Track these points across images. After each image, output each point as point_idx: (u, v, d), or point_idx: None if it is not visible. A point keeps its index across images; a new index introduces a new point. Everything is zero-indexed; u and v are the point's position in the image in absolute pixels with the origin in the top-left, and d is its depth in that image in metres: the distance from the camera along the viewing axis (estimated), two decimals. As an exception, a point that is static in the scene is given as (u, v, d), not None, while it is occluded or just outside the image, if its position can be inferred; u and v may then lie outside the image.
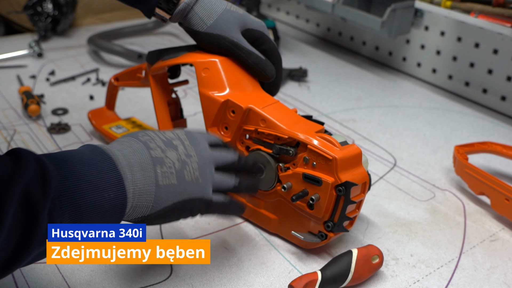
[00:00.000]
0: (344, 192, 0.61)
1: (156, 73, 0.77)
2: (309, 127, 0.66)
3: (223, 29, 0.70)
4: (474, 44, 1.11)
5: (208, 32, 0.70)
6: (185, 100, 1.08)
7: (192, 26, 0.71)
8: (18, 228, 0.43)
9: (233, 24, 0.70)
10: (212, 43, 0.70)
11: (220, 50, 0.71)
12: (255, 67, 0.70)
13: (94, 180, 0.48)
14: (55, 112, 1.02)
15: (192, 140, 0.58)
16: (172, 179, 0.54)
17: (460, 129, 1.02)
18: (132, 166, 0.52)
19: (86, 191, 0.48)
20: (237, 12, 0.72)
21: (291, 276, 0.64)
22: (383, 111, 1.08)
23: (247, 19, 0.72)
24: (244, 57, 0.70)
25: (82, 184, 0.48)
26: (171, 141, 0.56)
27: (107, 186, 0.49)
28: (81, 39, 1.38)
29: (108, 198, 0.49)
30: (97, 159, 0.50)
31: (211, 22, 0.70)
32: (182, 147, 0.56)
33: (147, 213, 0.53)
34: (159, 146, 0.54)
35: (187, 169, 0.55)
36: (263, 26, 0.73)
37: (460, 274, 0.66)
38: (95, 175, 0.49)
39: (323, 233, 0.65)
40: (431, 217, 0.77)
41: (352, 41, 1.40)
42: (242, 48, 0.70)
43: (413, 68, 1.25)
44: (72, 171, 0.48)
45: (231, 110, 0.68)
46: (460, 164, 0.81)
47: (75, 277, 0.63)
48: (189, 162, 0.55)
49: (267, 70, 0.71)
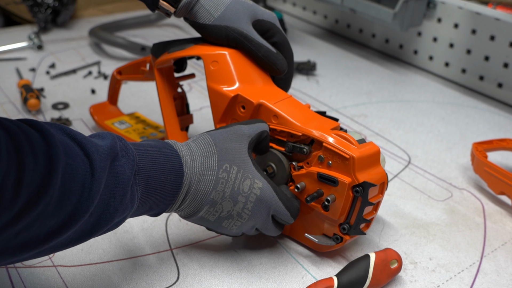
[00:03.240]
0: (362, 193, 0.58)
1: (161, 67, 0.73)
2: (324, 124, 0.62)
3: (231, 20, 0.66)
4: (490, 36, 1.07)
5: (215, 24, 0.66)
6: (190, 94, 1.05)
7: (198, 19, 0.67)
8: (107, 195, 0.47)
9: (242, 15, 0.66)
10: (220, 35, 0.66)
11: (229, 42, 0.67)
12: (266, 60, 0.66)
13: (162, 162, 0.53)
14: (55, 107, 0.99)
15: (257, 205, 0.58)
16: (211, 217, 0.58)
17: (475, 125, 0.98)
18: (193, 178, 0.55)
19: (156, 172, 0.52)
20: (247, 2, 0.68)
21: (305, 281, 0.61)
22: (395, 106, 1.05)
23: (257, 10, 0.68)
24: (254, 49, 0.66)
25: (153, 165, 0.52)
26: (237, 196, 0.57)
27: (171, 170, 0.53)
28: (82, 31, 1.35)
29: (169, 180, 0.53)
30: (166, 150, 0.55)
31: (219, 14, 0.66)
32: (241, 205, 0.57)
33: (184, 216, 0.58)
34: (224, 192, 0.56)
35: (229, 222, 0.58)
36: (274, 17, 0.70)
37: (482, 279, 0.63)
38: (163, 158, 0.53)
39: (338, 236, 0.61)
40: (449, 218, 0.73)
41: (361, 33, 1.36)
42: (252, 40, 0.66)
43: (425, 61, 1.21)
44: (145, 152, 0.52)
45: (241, 105, 0.65)
46: (479, 162, 0.77)
47: (76, 281, 0.59)
48: (235, 219, 0.58)
49: (278, 64, 0.67)
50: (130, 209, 0.50)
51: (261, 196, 0.58)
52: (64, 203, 0.43)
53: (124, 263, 0.62)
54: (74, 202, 0.44)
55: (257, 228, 0.61)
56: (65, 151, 0.43)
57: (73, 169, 0.43)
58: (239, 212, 0.58)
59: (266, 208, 0.59)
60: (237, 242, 0.66)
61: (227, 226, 0.59)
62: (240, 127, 0.59)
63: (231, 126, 0.59)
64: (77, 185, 0.44)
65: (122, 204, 0.49)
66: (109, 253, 0.64)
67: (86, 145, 0.46)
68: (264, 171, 0.64)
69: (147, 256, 0.64)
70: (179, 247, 0.65)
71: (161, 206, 0.55)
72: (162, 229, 0.68)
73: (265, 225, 0.60)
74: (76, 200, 0.44)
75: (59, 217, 0.43)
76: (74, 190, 0.43)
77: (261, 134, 0.60)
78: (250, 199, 0.58)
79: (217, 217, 0.57)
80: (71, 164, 0.43)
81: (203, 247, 0.66)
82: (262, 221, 0.60)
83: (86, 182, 0.44)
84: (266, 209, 0.59)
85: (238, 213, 0.58)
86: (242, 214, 0.58)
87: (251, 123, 0.60)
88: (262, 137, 0.61)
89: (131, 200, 0.50)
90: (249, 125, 0.60)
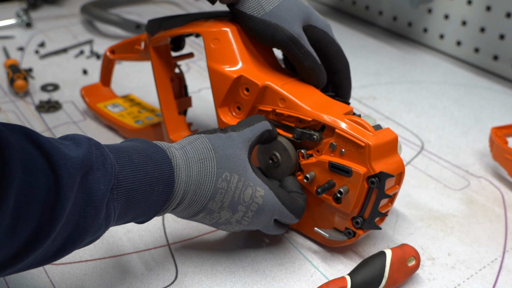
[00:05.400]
0: (378, 184, 0.53)
1: (157, 45, 0.68)
2: (336, 108, 0.56)
3: (283, 18, 0.58)
4: (506, 13, 1.01)
5: (264, 19, 0.58)
6: (188, 75, 0.99)
7: (246, 9, 0.59)
8: (76, 215, 0.41)
9: (295, 16, 0.59)
10: (266, 34, 0.58)
11: (273, 43, 0.59)
12: (310, 72, 0.59)
13: (149, 171, 0.46)
14: (44, 88, 0.93)
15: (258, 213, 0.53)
16: (208, 222, 0.53)
17: (490, 108, 0.93)
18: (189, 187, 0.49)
19: (141, 183, 0.46)
20: (302, 3, 0.60)
21: (314, 279, 0.56)
22: (405, 87, 0.99)
23: (311, 14, 0.61)
24: (301, 57, 0.58)
25: (138, 175, 0.46)
26: (237, 206, 0.52)
27: (159, 179, 0.47)
28: (73, 7, 1.30)
29: (157, 191, 0.47)
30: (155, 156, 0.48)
31: (270, 8, 0.58)
32: (241, 214, 0.53)
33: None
34: (222, 202, 0.51)
35: (227, 226, 0.54)
36: (328, 25, 0.62)
37: (505, 276, 0.58)
38: (151, 166, 0.47)
39: (350, 230, 0.56)
40: (467, 208, 0.68)
41: (367, 10, 1.29)
42: (301, 46, 0.58)
43: (435, 40, 1.15)
44: (129, 160, 0.46)
45: (245, 87, 0.59)
46: (499, 148, 0.72)
47: (65, 281, 0.54)
48: (233, 225, 0.54)
49: (320, 78, 0.60)
50: (105, 228, 0.45)
51: (263, 204, 0.53)
52: (18, 230, 0.37)
53: (117, 261, 0.57)
54: (32, 227, 0.38)
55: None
56: (24, 165, 0.37)
57: (32, 188, 0.37)
58: (238, 220, 0.53)
59: (268, 215, 0.54)
60: (240, 236, 0.61)
61: (225, 229, 0.55)
62: (240, 132, 0.54)
63: (230, 132, 0.54)
64: (36, 207, 0.37)
65: (94, 224, 0.42)
66: (101, 249, 0.59)
67: (54, 156, 0.39)
68: (270, 160, 0.58)
69: (142, 252, 0.59)
70: (177, 242, 0.60)
71: (147, 216, 0.49)
72: (159, 223, 0.63)
73: (266, 227, 0.56)
74: (35, 225, 0.38)
75: (11, 246, 0.37)
76: (31, 213, 0.37)
77: (261, 135, 0.55)
78: (252, 208, 0.52)
79: (213, 223, 0.53)
80: (30, 182, 0.37)
81: (203, 242, 0.61)
82: (263, 225, 0.55)
83: (49, 203, 0.38)
84: (268, 215, 0.54)
85: (237, 220, 0.53)
86: (242, 221, 0.53)
87: (251, 123, 0.55)
88: (263, 138, 0.56)
89: (106, 219, 0.44)
90: (249, 127, 0.55)
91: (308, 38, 0.60)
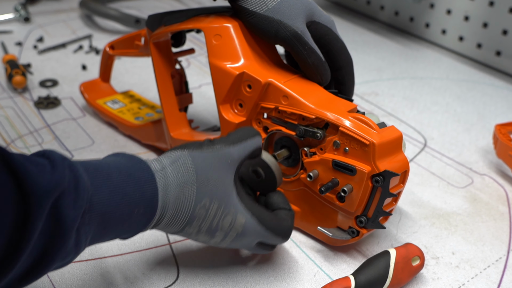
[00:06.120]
0: (382, 183, 0.52)
1: (157, 41, 0.67)
2: (340, 106, 0.56)
3: (286, 15, 0.57)
4: (509, 9, 1.00)
5: (267, 15, 0.57)
6: (188, 70, 0.98)
7: (248, 5, 0.57)
8: (42, 242, 0.39)
9: (298, 12, 0.58)
10: (269, 30, 0.57)
11: (276, 40, 0.58)
12: (313, 69, 0.58)
13: (129, 192, 0.44)
14: (43, 84, 0.92)
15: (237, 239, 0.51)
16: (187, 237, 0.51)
17: (493, 104, 0.92)
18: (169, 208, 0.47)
19: (118, 205, 0.43)
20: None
21: (317, 279, 0.55)
22: (407, 83, 0.98)
23: (315, 10, 0.60)
24: (305, 54, 0.57)
25: (115, 197, 0.43)
26: (215, 232, 0.50)
27: (140, 200, 0.44)
28: (72, 2, 1.29)
29: (137, 213, 0.45)
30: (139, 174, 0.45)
31: (273, 4, 0.57)
32: (218, 239, 0.51)
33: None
34: (200, 227, 0.49)
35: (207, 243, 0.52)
36: (332, 21, 0.61)
37: (510, 275, 0.57)
38: (131, 187, 0.44)
39: (354, 229, 0.56)
40: (471, 207, 0.67)
41: (368, 5, 1.28)
42: (305, 43, 0.57)
43: (437, 35, 1.14)
44: (107, 180, 0.43)
45: (247, 84, 0.58)
46: (503, 146, 0.71)
47: (65, 280, 0.53)
48: (211, 244, 0.52)
49: (323, 75, 0.59)
50: (75, 254, 0.42)
51: (243, 232, 0.50)
52: None
53: (117, 260, 0.56)
54: None
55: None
56: None
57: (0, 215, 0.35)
58: (216, 242, 0.51)
59: (248, 240, 0.52)
60: (242, 235, 0.61)
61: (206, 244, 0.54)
62: (229, 151, 0.50)
63: (218, 150, 0.50)
64: (2, 236, 0.35)
65: (62, 251, 0.40)
66: (101, 248, 0.58)
67: (27, 180, 0.36)
68: (253, 172, 0.55)
69: (143, 251, 0.58)
70: (179, 241, 0.60)
71: (129, 234, 0.47)
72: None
73: (249, 249, 0.54)
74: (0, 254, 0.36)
75: None
76: None
77: (252, 153, 0.52)
78: (231, 234, 0.50)
79: (193, 239, 0.51)
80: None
81: (205, 240, 0.60)
82: (245, 247, 0.54)
83: (15, 235, 0.36)
84: (248, 240, 0.52)
85: (215, 242, 0.51)
86: (221, 244, 0.52)
87: (244, 138, 0.51)
88: (254, 155, 0.53)
89: (75, 245, 0.41)
90: (241, 144, 0.50)
91: (311, 34, 0.59)
